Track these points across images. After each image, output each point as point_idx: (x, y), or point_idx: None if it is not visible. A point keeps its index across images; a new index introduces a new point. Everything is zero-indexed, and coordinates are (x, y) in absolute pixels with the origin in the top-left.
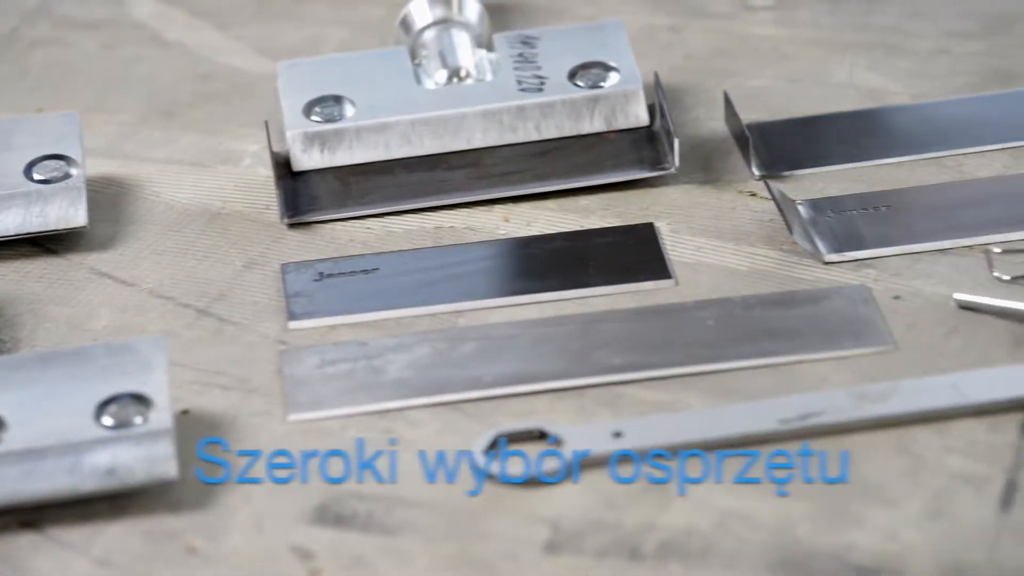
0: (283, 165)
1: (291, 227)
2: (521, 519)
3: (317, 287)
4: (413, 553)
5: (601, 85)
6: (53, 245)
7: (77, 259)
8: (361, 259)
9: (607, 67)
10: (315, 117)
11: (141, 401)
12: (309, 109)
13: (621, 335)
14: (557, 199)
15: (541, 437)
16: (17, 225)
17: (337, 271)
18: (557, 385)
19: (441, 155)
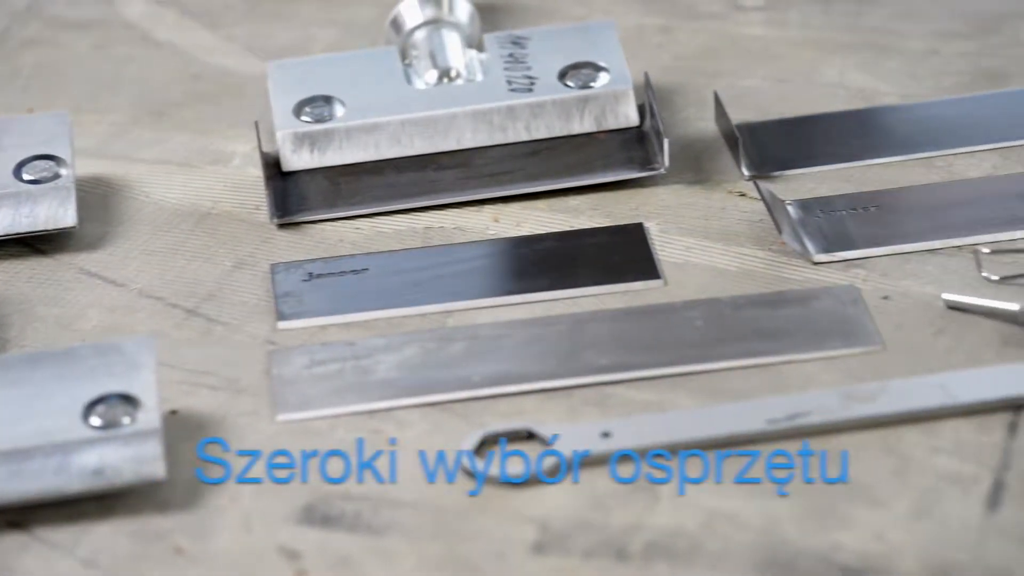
0: (273, 165)
1: (281, 227)
2: (508, 519)
3: (306, 287)
4: (400, 553)
5: (591, 85)
6: (42, 245)
7: (66, 259)
8: (350, 259)
9: (597, 67)
10: (305, 117)
11: (129, 401)
12: (299, 109)
13: (610, 335)
14: (547, 199)
15: (529, 437)
16: (6, 225)
17: (326, 271)
18: (546, 385)
19: (431, 155)
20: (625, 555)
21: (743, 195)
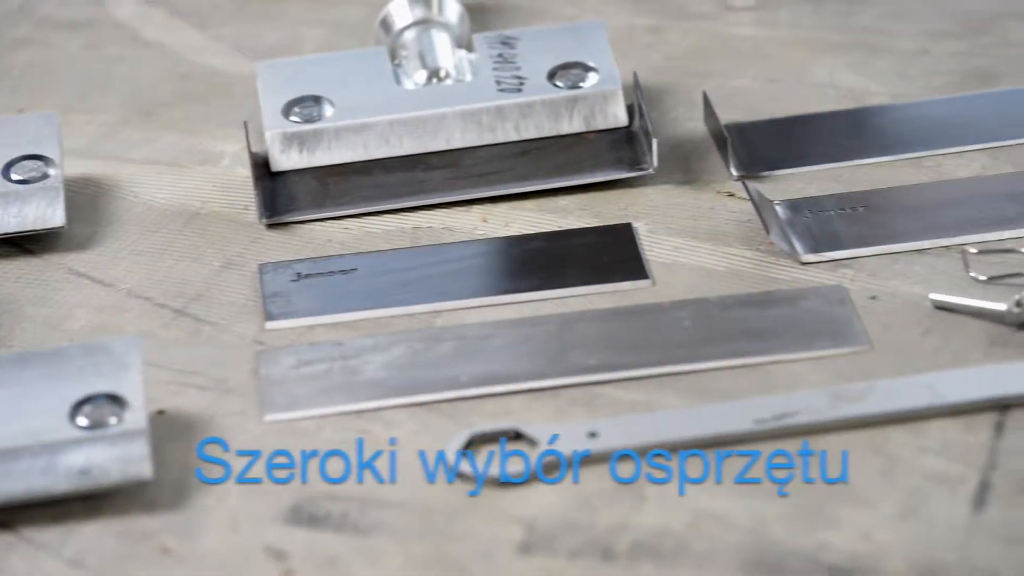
0: (262, 165)
1: (269, 227)
2: (495, 519)
3: (295, 287)
4: (387, 553)
5: (580, 85)
6: (31, 245)
7: (55, 259)
8: (339, 259)
9: (586, 67)
10: (294, 117)
11: (116, 401)
12: (288, 109)
13: (598, 335)
14: (535, 199)
15: (517, 437)
16: None
17: (315, 271)
18: (533, 385)
19: (420, 155)
20: (611, 555)
21: (732, 195)
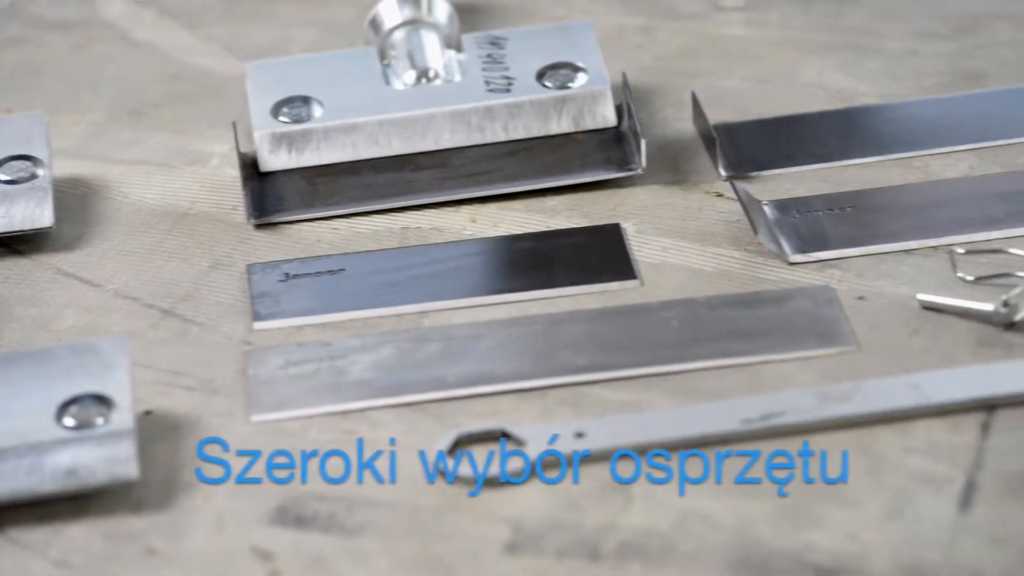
0: (250, 166)
1: (258, 228)
2: (482, 519)
3: (283, 288)
4: (373, 553)
5: (569, 86)
6: (19, 245)
7: (43, 260)
8: (327, 260)
9: (575, 68)
10: (283, 118)
11: (103, 402)
12: (277, 110)
13: (586, 335)
14: (524, 200)
15: (504, 437)
16: None
17: (303, 272)
18: (521, 386)
19: (409, 156)
20: (598, 555)
21: (720, 195)
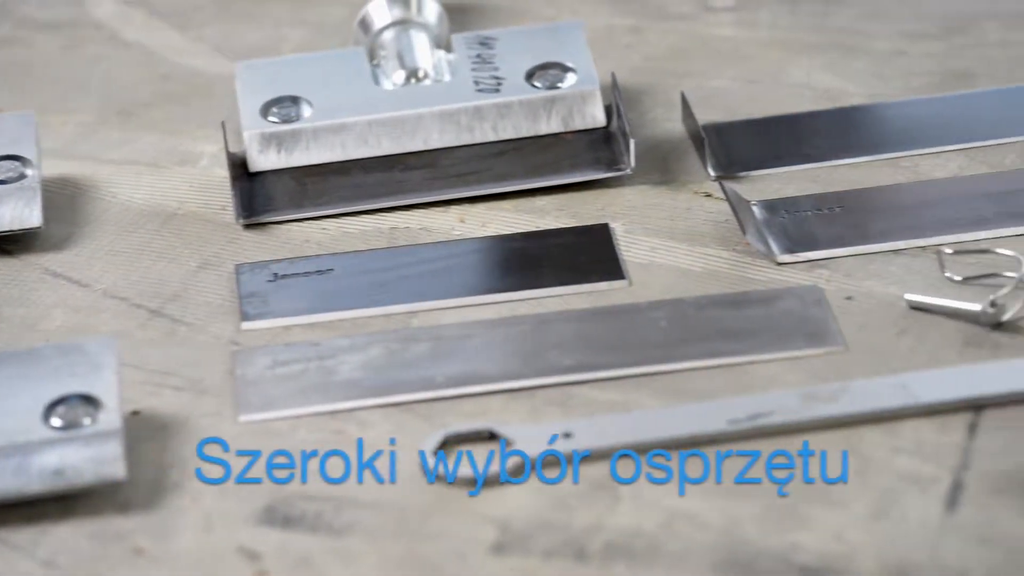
0: (239, 166)
1: (247, 228)
2: (469, 520)
3: (271, 288)
4: (361, 553)
5: (558, 86)
6: (7, 245)
7: (31, 260)
8: (316, 260)
9: (565, 68)
10: (272, 118)
11: (90, 402)
12: (266, 110)
13: (574, 335)
14: (513, 200)
15: (491, 438)
16: None
17: (292, 272)
18: (509, 386)
19: (398, 156)
20: (585, 555)
21: (709, 196)
